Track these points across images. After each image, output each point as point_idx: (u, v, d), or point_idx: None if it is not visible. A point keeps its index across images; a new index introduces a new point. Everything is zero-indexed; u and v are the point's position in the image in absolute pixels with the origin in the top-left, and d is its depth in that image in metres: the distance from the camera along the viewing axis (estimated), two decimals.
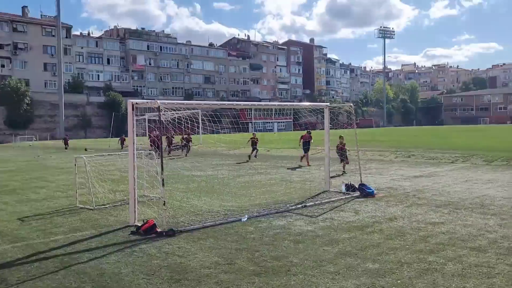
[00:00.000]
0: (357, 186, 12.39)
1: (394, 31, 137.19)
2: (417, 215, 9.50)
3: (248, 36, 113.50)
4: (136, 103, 8.72)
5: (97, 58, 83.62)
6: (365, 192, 12.04)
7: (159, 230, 8.12)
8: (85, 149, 35.73)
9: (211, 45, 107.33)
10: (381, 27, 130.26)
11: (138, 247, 7.38)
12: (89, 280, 5.87)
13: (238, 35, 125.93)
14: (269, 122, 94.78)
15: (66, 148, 39.49)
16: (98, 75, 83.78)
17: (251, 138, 25.26)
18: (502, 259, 6.45)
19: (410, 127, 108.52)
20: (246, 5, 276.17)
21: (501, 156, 21.79)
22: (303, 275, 5.88)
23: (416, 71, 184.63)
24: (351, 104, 13.74)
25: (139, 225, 8.44)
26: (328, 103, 13.11)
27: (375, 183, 14.59)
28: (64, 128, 70.69)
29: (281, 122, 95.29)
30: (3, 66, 73.48)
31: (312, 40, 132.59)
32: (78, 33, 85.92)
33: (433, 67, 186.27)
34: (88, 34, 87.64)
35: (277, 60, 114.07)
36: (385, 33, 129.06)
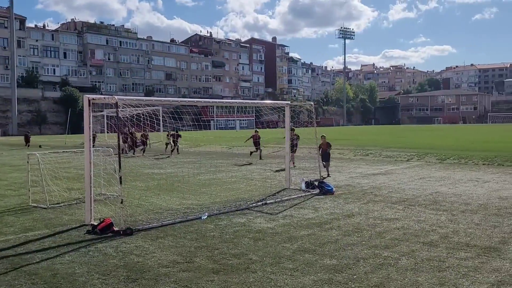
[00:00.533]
0: (316, 184, 12.51)
1: (354, 32, 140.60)
2: (373, 211, 9.71)
3: (211, 33, 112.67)
4: (93, 99, 8.47)
5: (53, 51, 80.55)
6: (324, 189, 12.19)
7: (116, 229, 7.94)
8: (40, 146, 34.18)
9: (172, 41, 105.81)
10: (341, 27, 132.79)
11: (94, 247, 7.20)
12: (41, 281, 5.66)
13: (201, 31, 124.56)
14: (231, 120, 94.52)
15: (27, 146, 36.97)
16: (54, 70, 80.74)
17: (252, 136, 23.21)
18: (452, 253, 6.68)
19: (369, 126, 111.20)
20: (209, 1, 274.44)
21: (453, 154, 22.65)
22: (262, 272, 5.90)
23: (375, 71, 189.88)
24: (312, 103, 13.92)
25: (95, 224, 8.24)
26: (289, 102, 13.10)
27: (334, 180, 14.80)
28: (17, 124, 67.63)
29: (243, 120, 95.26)
30: None
31: (274, 39, 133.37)
32: (32, 25, 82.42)
33: (391, 68, 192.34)
34: (44, 26, 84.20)
35: (240, 58, 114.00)
36: (346, 34, 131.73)
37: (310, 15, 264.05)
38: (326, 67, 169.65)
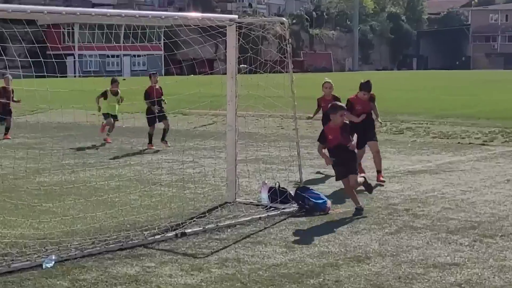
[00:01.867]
0: (292, 193, 12.16)
1: None
2: (410, 250, 9.42)
3: None
4: None
5: None
6: (308, 204, 11.80)
7: None
8: None
9: None
10: None
11: None
12: None
13: None
14: (113, 57, 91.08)
15: None
16: None
17: (148, 90, 20.83)
18: None
19: (407, 71, 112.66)
20: None
21: None
22: None
23: None
24: (285, 20, 12.87)
25: None
26: (235, 16, 12.54)
27: (332, 185, 14.38)
28: None
29: (139, 56, 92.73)
30: None
31: None
32: None
33: None
34: None
35: None
36: None
37: None
38: None
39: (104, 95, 22.00)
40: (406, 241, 9.82)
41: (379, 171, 14.86)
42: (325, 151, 11.82)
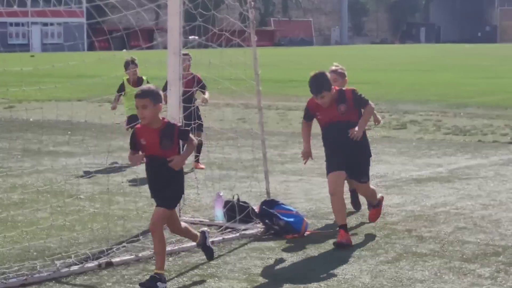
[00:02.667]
0: (255, 209, 12.13)
1: None
2: (413, 284, 9.38)
3: None
4: None
5: None
6: (277, 224, 11.77)
7: None
8: None
9: None
10: None
11: None
12: None
13: None
14: (16, 25, 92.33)
15: None
16: None
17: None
18: None
19: (412, 45, 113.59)
20: None
21: None
22: None
23: None
24: None
25: None
26: None
27: (309, 198, 14.35)
28: None
29: (52, 25, 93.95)
30: None
31: None
32: None
33: None
34: None
35: None
36: None
37: None
38: None
39: (122, 89, 20.15)
40: (407, 272, 9.75)
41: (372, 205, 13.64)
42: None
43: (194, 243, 10.72)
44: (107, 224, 12.01)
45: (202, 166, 17.32)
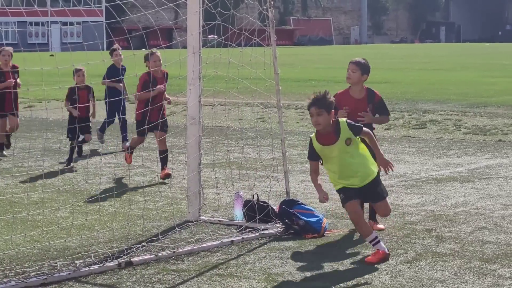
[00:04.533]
0: (275, 208, 12.07)
1: None
2: (433, 284, 9.26)
3: None
4: None
5: None
6: (297, 223, 11.68)
7: None
8: None
9: None
10: None
11: None
12: None
13: None
14: (36, 25, 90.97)
15: None
16: None
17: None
18: None
19: (432, 44, 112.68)
20: None
21: None
22: None
23: None
24: None
25: None
26: None
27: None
28: None
29: (72, 24, 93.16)
30: None
31: None
32: None
33: None
34: None
35: None
36: None
37: None
38: None
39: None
40: (427, 272, 9.71)
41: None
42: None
43: (214, 243, 10.78)
44: (127, 224, 12.00)
45: (169, 171, 16.42)
